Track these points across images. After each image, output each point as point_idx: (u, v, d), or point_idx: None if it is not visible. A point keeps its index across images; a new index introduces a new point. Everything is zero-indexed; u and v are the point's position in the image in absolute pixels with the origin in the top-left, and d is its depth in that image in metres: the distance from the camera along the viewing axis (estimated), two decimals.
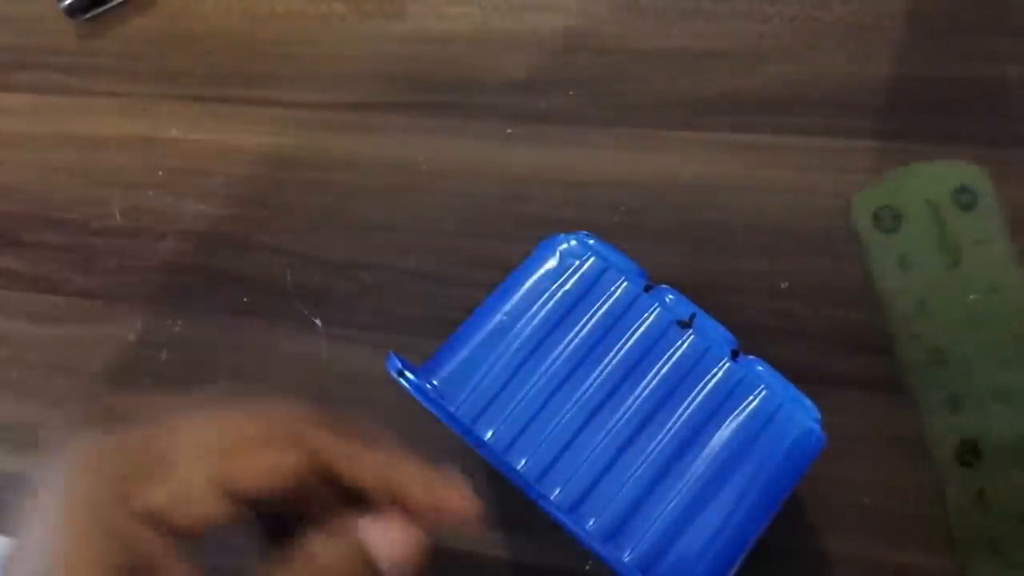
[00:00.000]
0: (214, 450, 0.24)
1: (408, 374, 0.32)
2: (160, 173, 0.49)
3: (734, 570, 0.31)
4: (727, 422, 0.32)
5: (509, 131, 0.44)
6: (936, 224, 0.27)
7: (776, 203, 0.40)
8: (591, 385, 0.33)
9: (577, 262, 0.35)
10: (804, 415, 0.32)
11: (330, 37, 0.47)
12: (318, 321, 0.45)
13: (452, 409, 0.33)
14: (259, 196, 0.47)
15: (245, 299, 0.47)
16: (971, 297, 0.26)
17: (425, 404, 0.32)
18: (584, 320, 0.34)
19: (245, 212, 0.47)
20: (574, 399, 0.33)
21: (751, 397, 0.32)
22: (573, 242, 0.35)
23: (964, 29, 0.39)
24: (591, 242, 0.35)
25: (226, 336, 0.47)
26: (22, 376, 0.50)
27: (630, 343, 0.33)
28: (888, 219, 0.28)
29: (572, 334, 0.34)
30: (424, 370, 0.34)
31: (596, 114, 0.43)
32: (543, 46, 0.44)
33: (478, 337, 0.34)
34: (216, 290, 0.47)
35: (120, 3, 0.50)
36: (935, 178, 0.28)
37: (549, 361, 0.33)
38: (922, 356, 0.26)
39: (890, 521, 0.38)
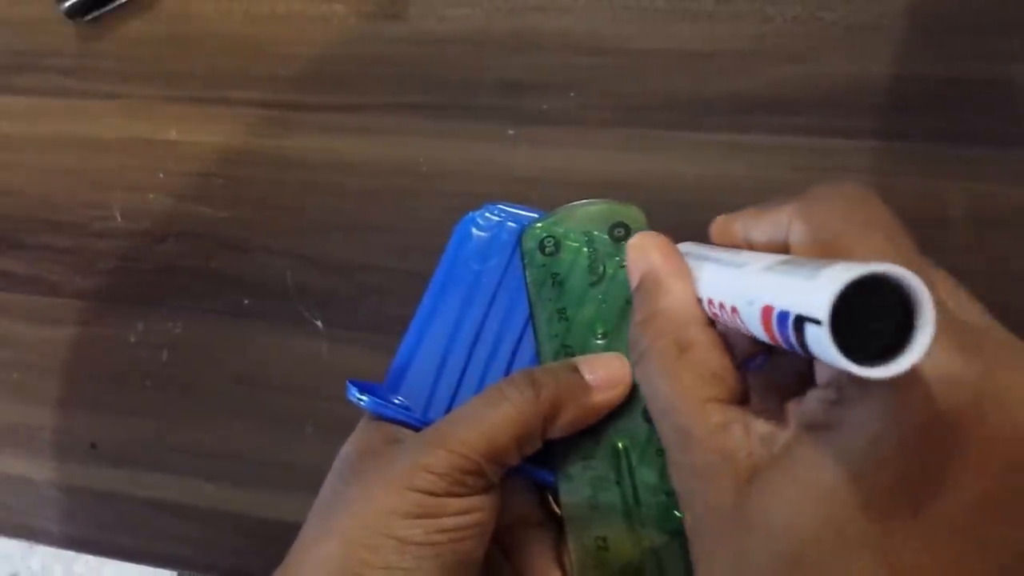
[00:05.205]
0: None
1: (364, 397, 0.33)
2: (160, 175, 0.49)
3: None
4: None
5: (511, 132, 0.44)
6: (589, 250, 0.34)
7: None
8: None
9: (500, 234, 0.36)
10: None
11: (330, 38, 0.47)
12: (319, 323, 0.45)
13: (424, 417, 0.33)
14: (259, 198, 0.47)
15: (246, 301, 0.47)
16: (603, 306, 0.33)
17: (398, 419, 0.33)
18: (518, 288, 0.35)
19: (245, 214, 0.47)
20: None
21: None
22: (486, 216, 0.36)
23: (967, 29, 0.39)
24: (500, 208, 0.36)
25: (227, 338, 0.47)
26: (23, 378, 0.50)
27: None
28: (550, 245, 0.34)
29: (511, 305, 0.35)
30: (385, 388, 0.35)
31: (598, 115, 0.43)
32: (544, 47, 0.44)
33: (426, 344, 0.35)
34: (217, 292, 0.47)
35: (120, 5, 0.50)
36: (597, 215, 0.34)
37: (495, 342, 0.34)
38: (557, 349, 0.33)
39: None
